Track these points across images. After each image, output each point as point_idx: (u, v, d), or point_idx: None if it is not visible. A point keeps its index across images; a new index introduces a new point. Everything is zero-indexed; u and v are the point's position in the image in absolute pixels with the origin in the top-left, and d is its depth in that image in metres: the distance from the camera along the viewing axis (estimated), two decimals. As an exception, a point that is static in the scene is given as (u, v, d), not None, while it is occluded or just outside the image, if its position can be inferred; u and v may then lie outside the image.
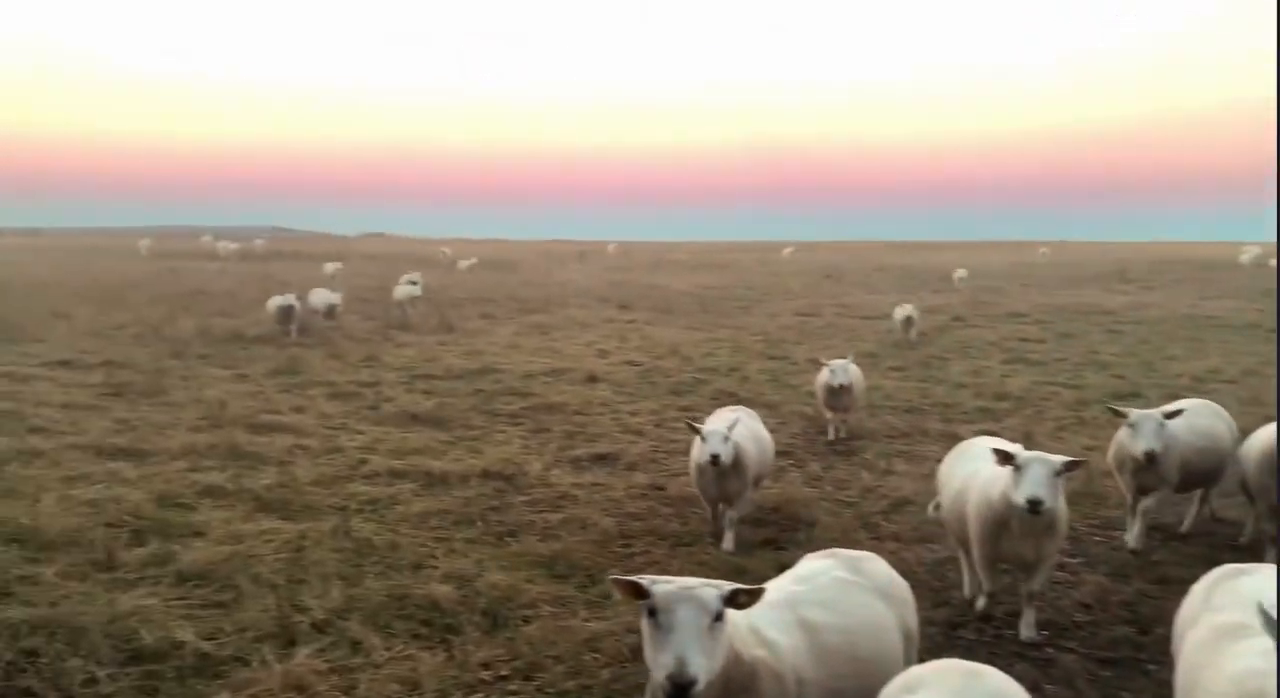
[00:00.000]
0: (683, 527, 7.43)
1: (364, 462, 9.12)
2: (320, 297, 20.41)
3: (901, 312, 19.03)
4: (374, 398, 12.41)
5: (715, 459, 6.69)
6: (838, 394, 10.27)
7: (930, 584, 6.27)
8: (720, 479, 6.96)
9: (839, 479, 8.92)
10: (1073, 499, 6.74)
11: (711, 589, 2.99)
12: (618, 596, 3.11)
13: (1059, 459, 5.05)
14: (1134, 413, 6.86)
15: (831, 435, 10.49)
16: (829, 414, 10.59)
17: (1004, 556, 5.44)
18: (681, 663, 2.80)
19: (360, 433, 10.46)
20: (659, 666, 2.86)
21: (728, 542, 6.99)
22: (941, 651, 5.33)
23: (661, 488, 8.48)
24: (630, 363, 15.76)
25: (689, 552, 6.84)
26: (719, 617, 2.94)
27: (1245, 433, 7.17)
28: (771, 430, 10.61)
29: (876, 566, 3.95)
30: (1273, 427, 6.54)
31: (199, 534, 6.89)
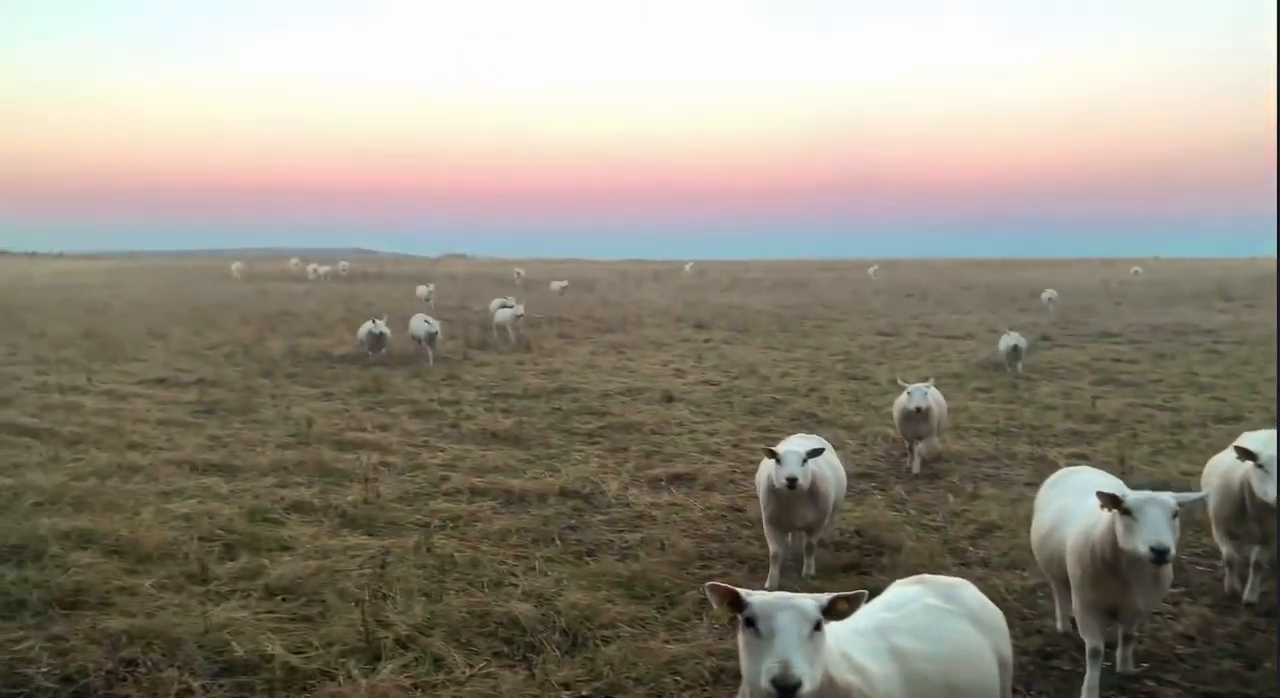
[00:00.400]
0: (762, 550, 7.30)
1: (445, 479, 9.25)
2: (420, 326, 18.90)
3: (1008, 341, 16.68)
4: (455, 416, 12.59)
5: (792, 483, 6.32)
6: (914, 419, 9.75)
7: (1021, 612, 6.04)
8: (794, 506, 6.57)
9: (924, 503, 8.69)
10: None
11: (809, 598, 2.99)
12: (714, 604, 3.10)
13: (1173, 498, 4.51)
14: (1264, 454, 5.72)
15: (915, 468, 9.80)
16: (907, 441, 10.09)
17: (1110, 605, 4.89)
18: (786, 665, 2.78)
19: (441, 451, 10.61)
20: (762, 672, 2.83)
21: (808, 566, 6.82)
22: (1035, 681, 5.16)
23: (740, 509, 8.39)
24: (707, 382, 15.69)
25: (768, 575, 6.73)
26: (818, 626, 2.93)
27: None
28: (854, 452, 10.53)
29: (968, 592, 3.83)
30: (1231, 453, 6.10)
31: (287, 549, 7.06)
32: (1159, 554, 4.31)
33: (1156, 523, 4.37)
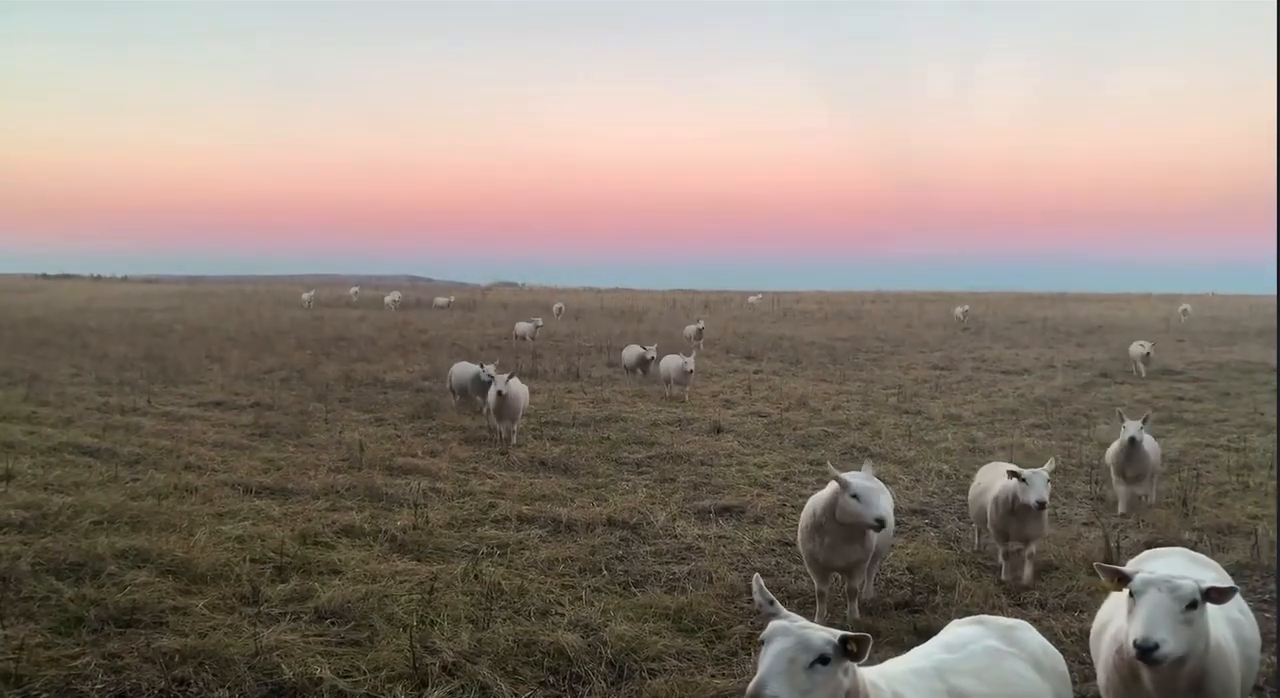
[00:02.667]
0: (811, 585, 7.20)
1: (494, 506, 9.27)
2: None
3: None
4: (505, 444, 12.64)
5: (881, 523, 5.83)
6: (1024, 517, 7.09)
7: (1080, 656, 5.84)
8: (840, 545, 6.12)
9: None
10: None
11: (823, 633, 2.99)
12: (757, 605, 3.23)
13: (1190, 586, 3.48)
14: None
15: (1007, 576, 7.33)
16: (1004, 542, 7.37)
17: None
18: (760, 685, 2.82)
19: (490, 478, 10.65)
20: (747, 690, 2.89)
21: (853, 608, 6.57)
22: (1096, 731, 4.95)
23: (789, 544, 8.26)
24: (757, 414, 15.57)
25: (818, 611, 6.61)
26: (824, 660, 2.90)
27: None
28: (906, 488, 10.32)
29: (1028, 634, 3.72)
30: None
31: (337, 572, 7.11)
32: (1142, 651, 3.41)
33: (1152, 614, 3.47)
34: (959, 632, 3.67)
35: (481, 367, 15.13)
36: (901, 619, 6.49)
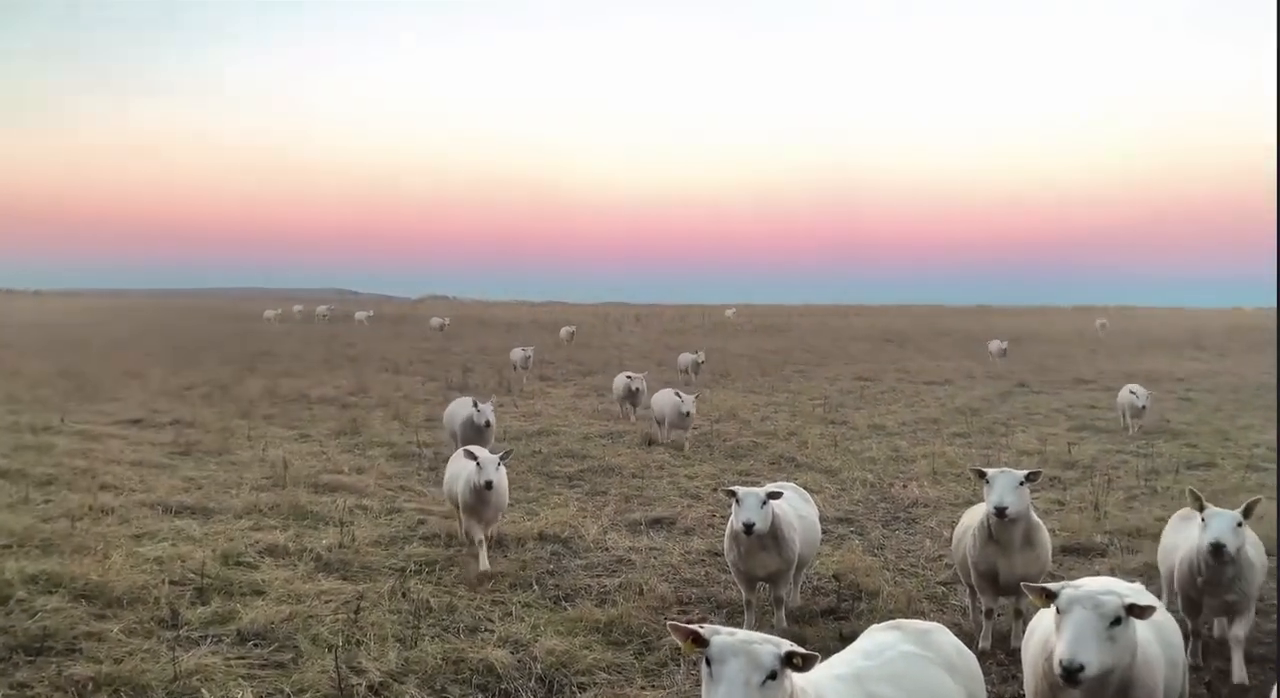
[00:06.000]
0: (740, 594, 7.29)
1: (422, 523, 9.19)
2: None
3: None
4: (433, 459, 12.52)
5: (749, 528, 6.01)
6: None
7: (998, 658, 6.04)
8: (757, 553, 6.25)
9: (901, 548, 8.71)
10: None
11: (770, 646, 2.96)
12: (679, 643, 3.10)
13: (1114, 602, 3.55)
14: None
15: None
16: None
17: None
18: None
19: (420, 494, 10.55)
20: None
21: (780, 617, 6.65)
22: (1012, 730, 5.13)
23: (719, 554, 8.33)
24: (687, 426, 15.66)
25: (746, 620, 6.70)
26: (773, 675, 2.90)
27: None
28: (832, 497, 10.51)
29: (943, 638, 3.84)
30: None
31: (260, 593, 6.96)
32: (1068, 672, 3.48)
33: (1077, 635, 3.52)
34: (876, 638, 3.77)
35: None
36: (827, 626, 6.62)
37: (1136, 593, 3.99)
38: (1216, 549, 5.14)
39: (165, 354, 28.65)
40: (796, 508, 6.79)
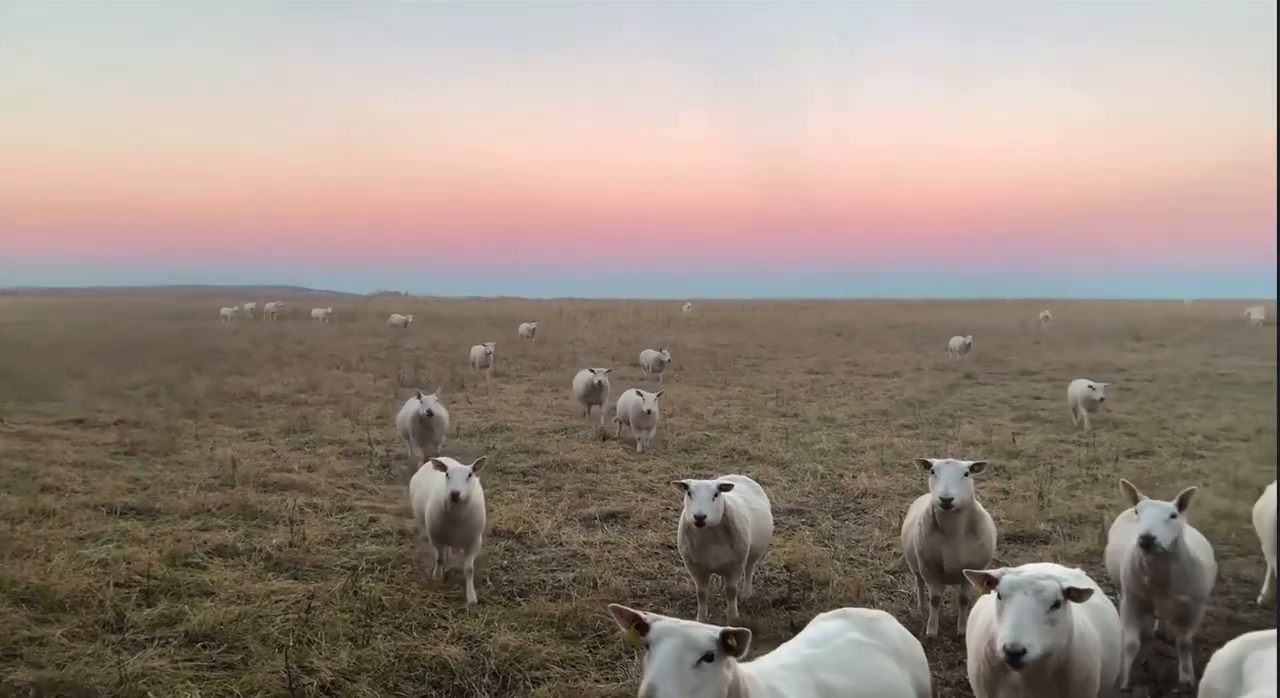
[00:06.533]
0: (693, 586, 7.36)
1: (374, 521, 9.12)
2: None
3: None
4: (385, 456, 12.42)
5: (701, 520, 6.07)
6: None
7: (944, 644, 6.18)
8: (709, 546, 6.33)
9: (851, 538, 8.85)
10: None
11: (707, 630, 3.02)
12: (622, 628, 3.14)
13: (1053, 587, 3.69)
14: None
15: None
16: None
17: None
18: (652, 688, 2.84)
19: (371, 492, 10.46)
20: (639, 695, 2.89)
21: (732, 608, 6.74)
22: (957, 714, 5.26)
23: (673, 547, 8.40)
24: (641, 421, 15.71)
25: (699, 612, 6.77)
26: (710, 658, 2.94)
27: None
28: (783, 489, 10.64)
29: (889, 626, 3.93)
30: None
31: (208, 594, 6.87)
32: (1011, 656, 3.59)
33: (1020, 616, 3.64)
34: (823, 626, 3.85)
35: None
36: (779, 616, 6.71)
37: (1075, 578, 4.12)
38: (1147, 542, 5.05)
39: (108, 354, 27.99)
40: (748, 500, 6.88)
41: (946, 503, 5.90)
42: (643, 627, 3.04)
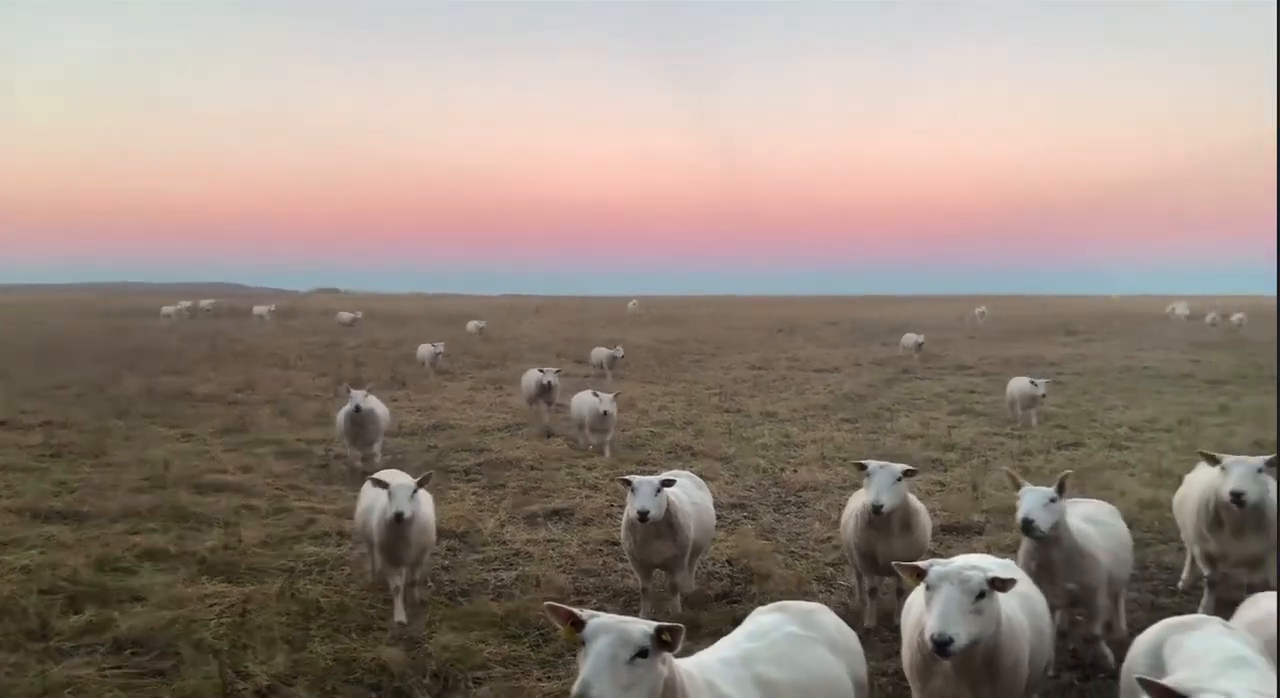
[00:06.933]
0: (638, 582, 7.38)
1: (312, 522, 8.97)
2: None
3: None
4: (324, 456, 12.22)
5: (644, 516, 6.13)
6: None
7: (882, 634, 6.28)
8: (652, 541, 6.39)
9: (792, 531, 8.95)
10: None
11: (643, 625, 3.02)
12: (558, 626, 3.13)
13: (978, 577, 3.78)
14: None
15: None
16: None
17: None
18: (586, 685, 2.83)
19: (310, 493, 10.29)
20: (572, 692, 2.88)
21: (676, 603, 6.78)
22: (894, 703, 5.36)
23: (617, 543, 8.41)
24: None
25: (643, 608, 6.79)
26: (644, 654, 2.94)
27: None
28: (726, 483, 10.71)
29: (825, 618, 3.98)
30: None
31: (139, 600, 6.70)
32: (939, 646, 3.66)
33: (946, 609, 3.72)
34: (761, 620, 3.89)
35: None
36: (721, 610, 6.75)
37: (1003, 568, 4.22)
38: (1026, 526, 5.23)
39: (32, 353, 27.06)
40: (691, 495, 6.93)
41: (877, 509, 5.99)
42: (578, 624, 3.03)
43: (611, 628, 2.97)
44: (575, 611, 3.07)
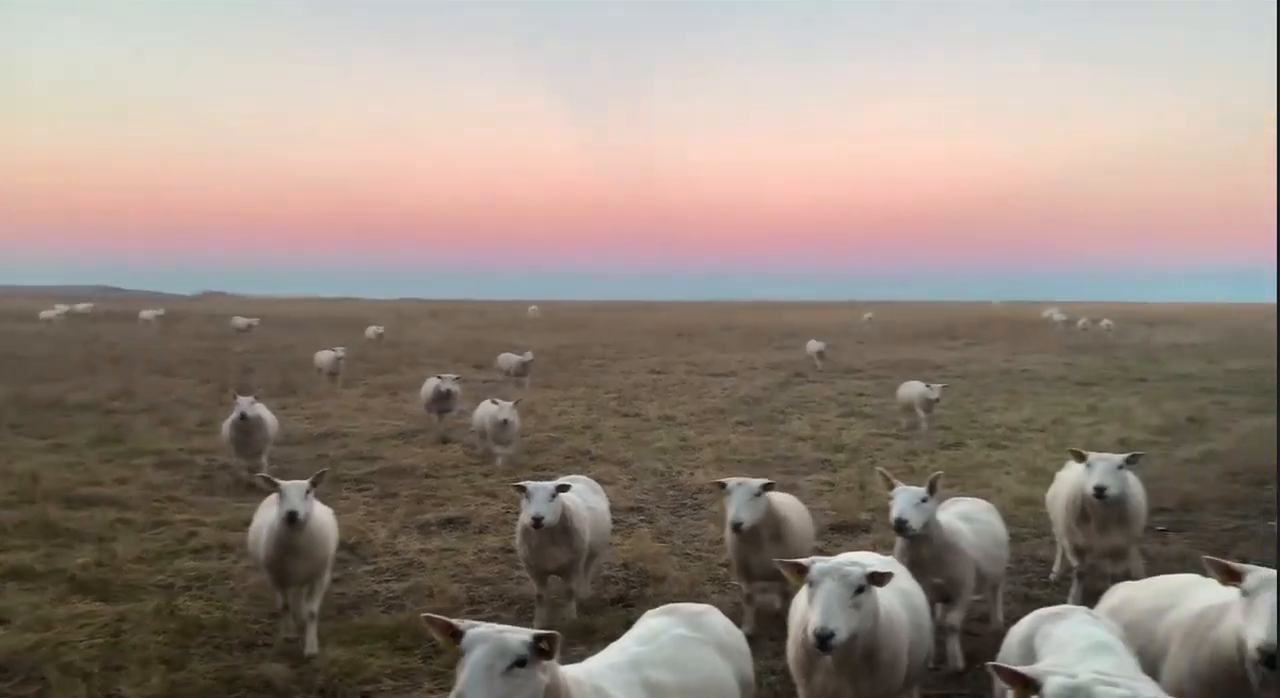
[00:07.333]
0: (533, 589, 7.35)
1: (193, 535, 8.63)
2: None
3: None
4: (207, 466, 11.78)
5: (538, 522, 6.10)
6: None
7: (771, 634, 6.41)
8: (547, 547, 6.38)
9: (688, 534, 9.06)
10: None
11: (521, 635, 3.01)
12: (437, 638, 3.10)
13: (857, 572, 3.90)
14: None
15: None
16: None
17: None
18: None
19: (191, 504, 9.90)
20: None
21: (571, 609, 6.78)
22: (783, 699, 5.49)
23: (513, 551, 8.34)
24: (482, 424, 15.53)
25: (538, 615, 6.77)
26: (522, 663, 2.94)
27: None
28: (624, 487, 10.77)
29: (714, 619, 4.06)
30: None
31: (2, 622, 6.33)
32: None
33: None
34: (650, 624, 3.94)
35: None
36: (616, 614, 6.79)
37: (884, 564, 4.38)
38: (899, 525, 5.52)
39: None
40: (586, 500, 6.95)
41: (736, 527, 6.03)
42: (457, 635, 3.01)
43: (488, 638, 2.96)
44: (453, 622, 3.05)
